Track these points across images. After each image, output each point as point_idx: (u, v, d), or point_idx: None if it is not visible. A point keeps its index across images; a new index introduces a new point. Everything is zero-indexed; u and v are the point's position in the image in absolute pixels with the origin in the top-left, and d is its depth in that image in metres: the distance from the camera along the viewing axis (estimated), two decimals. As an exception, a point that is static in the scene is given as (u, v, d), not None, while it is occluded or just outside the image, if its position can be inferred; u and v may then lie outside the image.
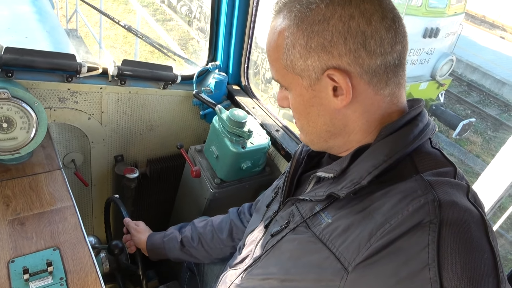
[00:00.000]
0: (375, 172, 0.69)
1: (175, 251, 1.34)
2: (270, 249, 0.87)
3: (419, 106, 0.77)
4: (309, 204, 0.81)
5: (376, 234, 0.63)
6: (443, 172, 0.69)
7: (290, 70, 0.74)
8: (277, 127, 1.77)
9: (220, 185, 1.62)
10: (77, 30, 7.21)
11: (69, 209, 1.29)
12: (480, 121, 8.73)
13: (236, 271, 0.99)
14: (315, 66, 0.71)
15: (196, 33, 10.13)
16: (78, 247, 1.18)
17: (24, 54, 1.42)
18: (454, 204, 0.61)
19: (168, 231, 1.42)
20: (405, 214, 0.62)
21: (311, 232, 0.76)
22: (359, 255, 0.64)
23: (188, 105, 1.99)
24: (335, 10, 0.67)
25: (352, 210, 0.71)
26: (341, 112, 0.74)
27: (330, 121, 0.76)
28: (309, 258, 0.74)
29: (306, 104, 0.77)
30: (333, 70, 0.69)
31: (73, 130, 1.77)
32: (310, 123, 0.79)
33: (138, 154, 2.04)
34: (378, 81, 0.70)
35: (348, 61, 0.68)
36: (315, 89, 0.73)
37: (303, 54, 0.71)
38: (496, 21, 15.62)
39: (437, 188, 0.63)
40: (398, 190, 0.66)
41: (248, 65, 1.95)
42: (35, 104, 1.31)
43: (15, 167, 1.38)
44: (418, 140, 0.72)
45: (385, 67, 0.70)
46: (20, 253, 1.11)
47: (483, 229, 0.60)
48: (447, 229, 0.58)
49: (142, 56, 8.02)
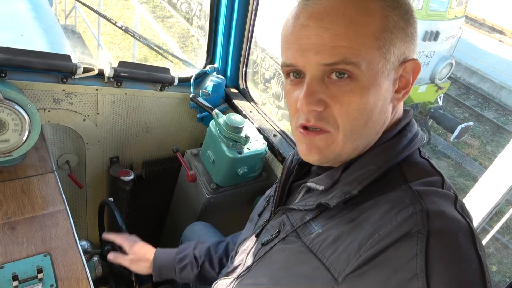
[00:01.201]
0: (365, 182, 0.69)
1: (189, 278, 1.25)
2: (261, 258, 0.86)
3: (408, 116, 0.77)
4: (300, 213, 0.81)
5: (366, 244, 0.63)
6: (431, 181, 0.69)
7: (383, 51, 0.65)
8: (275, 132, 1.75)
9: (216, 190, 1.61)
10: (75, 26, 7.17)
11: (62, 213, 1.27)
12: (478, 125, 8.75)
13: (227, 280, 0.98)
14: (403, 53, 0.68)
15: (196, 30, 10.09)
16: (70, 253, 1.16)
17: (18, 54, 1.40)
18: (442, 214, 0.61)
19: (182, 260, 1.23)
20: (394, 224, 0.62)
21: (301, 242, 0.76)
22: (349, 266, 0.64)
23: (185, 108, 1.97)
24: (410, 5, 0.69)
25: (342, 220, 0.71)
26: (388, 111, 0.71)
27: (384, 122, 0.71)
28: (299, 269, 0.74)
29: (378, 99, 0.67)
30: (412, 61, 0.70)
31: (67, 131, 1.74)
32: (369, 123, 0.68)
33: (134, 156, 2.02)
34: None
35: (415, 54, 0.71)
36: (389, 79, 0.67)
37: (403, 38, 0.67)
38: (496, 24, 15.64)
39: (425, 198, 0.63)
40: (386, 200, 0.66)
41: (246, 69, 1.93)
42: (28, 106, 1.29)
43: (7, 170, 1.36)
44: (407, 150, 0.72)
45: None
46: (10, 259, 1.08)
47: (470, 239, 0.60)
48: (435, 239, 0.58)
49: (141, 53, 7.99)
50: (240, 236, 1.09)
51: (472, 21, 15.03)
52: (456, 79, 10.46)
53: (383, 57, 0.65)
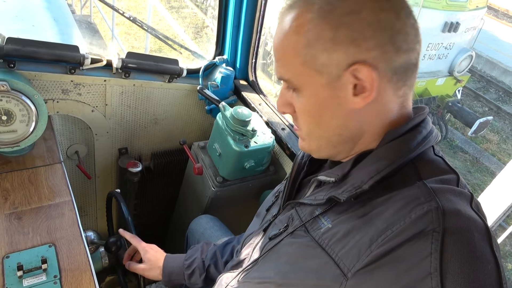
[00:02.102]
0: (377, 177, 0.67)
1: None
2: (268, 252, 0.85)
3: (423, 113, 0.75)
4: (309, 208, 0.80)
5: (377, 240, 0.62)
6: (446, 179, 0.67)
7: (308, 66, 0.69)
8: (283, 125, 1.72)
9: (223, 183, 1.59)
10: (90, 16, 7.21)
11: (67, 204, 1.28)
12: (498, 119, 8.51)
13: (232, 273, 0.97)
14: (339, 61, 0.66)
15: (211, 21, 10.06)
16: (74, 244, 1.16)
17: (26, 45, 1.40)
18: (458, 213, 0.60)
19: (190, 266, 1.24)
20: (408, 221, 0.60)
21: (310, 236, 0.75)
22: (359, 262, 0.63)
23: (194, 99, 1.95)
24: (365, 3, 0.65)
25: (353, 215, 0.69)
26: (358, 113, 0.70)
27: (344, 124, 0.72)
28: (308, 263, 0.73)
29: (321, 106, 0.71)
30: (359, 65, 0.65)
31: (76, 122, 1.75)
32: (321, 126, 0.74)
33: (143, 147, 2.02)
34: (398, 80, 0.68)
35: (375, 55, 0.65)
36: (334, 87, 0.69)
37: (328, 48, 0.66)
38: (520, 15, 15.09)
39: (441, 195, 0.62)
40: (400, 196, 0.65)
41: (256, 60, 1.90)
42: (35, 97, 1.29)
43: (15, 159, 1.37)
44: (421, 146, 0.70)
45: (407, 65, 0.68)
46: (15, 249, 1.10)
47: (487, 239, 0.59)
48: (450, 238, 0.57)
49: (156, 44, 8.00)
50: (247, 230, 1.08)
51: (494, 11, 14.54)
52: (476, 72, 10.18)
53: (312, 69, 0.68)
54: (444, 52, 6.22)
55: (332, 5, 0.65)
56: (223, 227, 1.50)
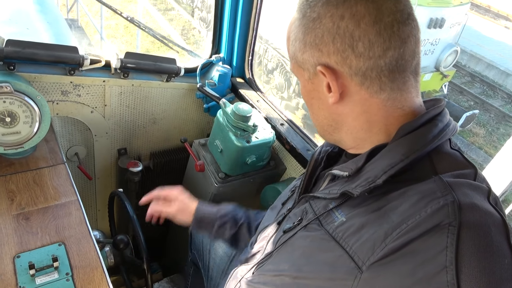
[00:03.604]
0: (391, 171, 0.67)
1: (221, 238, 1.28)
2: (282, 245, 0.86)
3: (440, 105, 0.75)
4: (323, 201, 0.81)
5: (392, 234, 0.62)
6: (462, 174, 0.67)
7: (295, 61, 0.78)
8: (282, 121, 1.75)
9: (225, 179, 1.62)
10: (77, 20, 7.15)
11: (74, 204, 1.29)
12: (483, 113, 8.69)
13: (247, 266, 0.98)
14: (309, 61, 0.74)
15: (197, 23, 10.04)
16: (83, 242, 1.17)
17: (26, 46, 1.41)
18: (475, 207, 0.59)
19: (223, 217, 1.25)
20: (423, 215, 0.60)
21: (324, 229, 0.76)
22: (374, 255, 0.63)
23: (192, 98, 1.97)
24: (329, 10, 0.69)
25: (367, 209, 0.70)
26: (338, 108, 0.75)
27: (329, 116, 0.78)
28: (322, 256, 0.73)
29: (309, 96, 0.80)
30: (322, 67, 0.71)
31: (76, 124, 1.75)
32: (314, 116, 0.83)
33: (142, 147, 2.03)
34: (371, 84, 0.70)
35: (336, 60, 0.70)
36: (314, 82, 0.76)
37: (301, 48, 0.74)
38: (501, 11, 15.44)
39: (457, 189, 0.62)
40: (416, 191, 0.64)
41: (252, 58, 1.92)
42: (37, 98, 1.30)
43: (18, 161, 1.37)
44: (437, 140, 0.70)
45: (377, 71, 0.69)
46: (25, 248, 1.11)
47: (504, 233, 0.58)
48: (466, 232, 0.57)
49: (143, 46, 7.97)
50: (261, 224, 1.09)
51: (476, 7, 14.84)
52: (461, 67, 10.37)
53: (297, 65, 0.78)
54: (430, 48, 6.32)
55: (305, 10, 0.72)
56: (227, 222, 1.52)
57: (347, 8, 0.67)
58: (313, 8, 0.70)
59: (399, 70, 0.70)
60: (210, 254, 1.40)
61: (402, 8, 0.68)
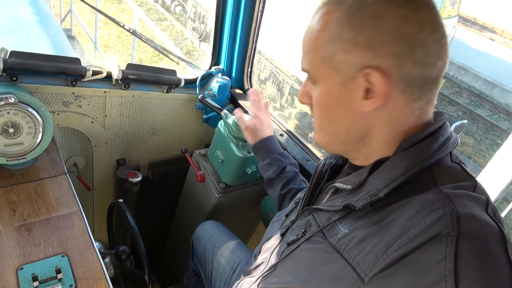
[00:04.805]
0: (392, 185, 0.68)
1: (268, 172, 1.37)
2: (286, 257, 0.87)
3: (441, 119, 0.75)
4: (326, 214, 0.82)
5: (393, 245, 0.63)
6: (462, 186, 0.68)
7: (326, 62, 0.72)
8: (281, 131, 1.78)
9: (225, 189, 1.63)
10: (71, 30, 7.14)
11: (76, 215, 1.28)
12: (472, 123, 8.85)
13: (251, 278, 0.99)
14: (355, 63, 0.68)
15: (190, 33, 10.10)
16: (87, 253, 1.17)
17: (30, 58, 1.41)
18: (473, 217, 0.60)
19: (278, 159, 1.36)
20: (423, 225, 0.61)
21: (327, 242, 0.76)
22: (376, 266, 0.64)
23: (191, 109, 1.99)
24: (391, 10, 0.65)
25: (369, 221, 0.71)
26: (366, 116, 0.72)
27: (352, 124, 0.75)
28: (325, 268, 0.74)
29: (332, 102, 0.75)
30: (372, 70, 0.67)
31: (76, 134, 1.75)
32: (331, 122, 0.78)
33: (140, 157, 2.04)
34: (412, 92, 0.68)
35: (391, 64, 0.66)
36: (347, 87, 0.71)
37: (347, 48, 0.69)
38: (487, 23, 15.84)
39: (456, 200, 0.63)
40: (415, 202, 0.66)
41: (251, 69, 1.95)
42: (41, 109, 1.30)
43: (19, 172, 1.37)
44: (438, 154, 0.70)
45: (423, 79, 0.68)
46: (28, 260, 1.10)
47: (501, 243, 0.59)
48: (465, 242, 0.58)
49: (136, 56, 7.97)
50: (264, 235, 1.10)
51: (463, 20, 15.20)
52: (449, 78, 10.58)
53: (330, 66, 0.72)
54: (420, 59, 6.44)
55: (358, 7, 0.67)
56: (229, 232, 1.53)
57: (412, 11, 0.65)
58: (372, 6, 0.66)
59: (437, 81, 0.70)
60: (212, 264, 1.41)
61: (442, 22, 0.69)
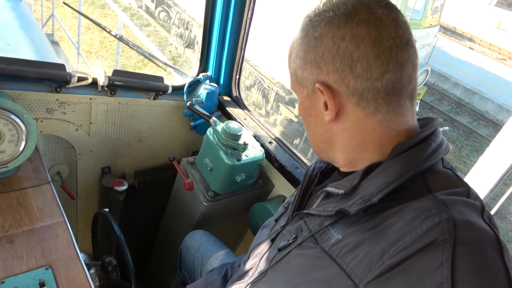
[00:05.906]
0: (386, 190, 0.68)
1: None
2: (277, 263, 0.85)
3: (433, 125, 0.76)
4: (318, 219, 0.81)
5: (389, 251, 0.62)
6: (456, 192, 0.68)
7: (294, 77, 0.81)
8: (270, 139, 1.77)
9: (214, 198, 1.61)
10: (53, 35, 7.01)
11: (60, 225, 1.24)
12: (452, 129, 9.06)
13: (239, 285, 0.97)
14: (309, 78, 0.76)
15: (174, 39, 10.05)
16: (72, 265, 1.13)
17: (12, 63, 1.37)
18: (469, 224, 0.61)
19: None
20: (419, 232, 0.61)
21: (320, 247, 0.76)
22: (371, 273, 0.63)
23: (178, 116, 1.96)
24: (330, 30, 0.71)
25: (363, 227, 0.70)
26: (333, 127, 0.77)
27: (325, 133, 0.80)
28: (318, 274, 0.73)
29: (306, 113, 0.82)
30: (320, 84, 0.74)
31: (59, 142, 1.71)
32: (310, 132, 0.85)
33: (126, 165, 1.99)
34: (367, 105, 0.72)
35: (335, 79, 0.72)
36: (312, 99, 0.78)
37: (301, 65, 0.77)
38: (466, 32, 16.34)
39: (451, 207, 0.63)
40: (411, 209, 0.65)
41: (239, 76, 1.94)
42: (24, 116, 1.26)
43: (1, 182, 1.32)
44: (430, 159, 0.71)
45: (374, 92, 0.70)
46: (10, 273, 1.05)
47: (498, 250, 0.60)
48: (461, 248, 0.58)
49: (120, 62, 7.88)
50: (253, 241, 1.08)
51: (443, 29, 15.63)
52: (430, 86, 10.83)
53: (297, 82, 0.81)
54: (402, 68, 6.57)
55: (308, 29, 0.75)
56: (218, 241, 1.51)
57: (349, 29, 0.69)
58: (316, 28, 0.73)
59: (395, 94, 0.71)
60: (201, 275, 1.38)
61: (402, 34, 0.70)
